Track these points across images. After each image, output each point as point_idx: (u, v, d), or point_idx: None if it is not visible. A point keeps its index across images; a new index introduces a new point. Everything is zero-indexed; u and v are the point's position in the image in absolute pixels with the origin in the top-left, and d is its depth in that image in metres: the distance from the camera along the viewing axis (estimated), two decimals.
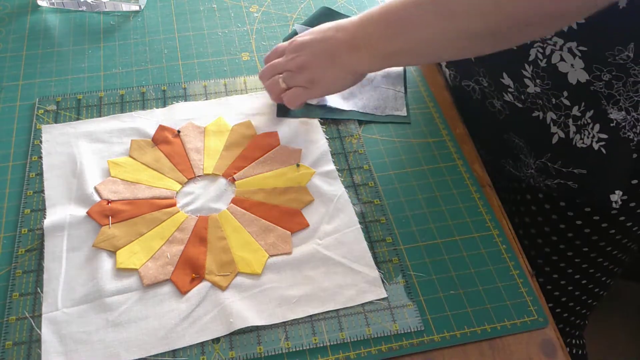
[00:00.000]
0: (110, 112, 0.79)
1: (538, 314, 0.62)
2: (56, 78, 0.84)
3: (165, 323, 0.60)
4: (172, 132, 0.76)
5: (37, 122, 0.78)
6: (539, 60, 0.69)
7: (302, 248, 0.66)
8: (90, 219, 0.67)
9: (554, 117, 0.73)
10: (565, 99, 0.70)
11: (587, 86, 0.68)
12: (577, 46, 0.65)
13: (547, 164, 0.77)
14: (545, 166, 0.78)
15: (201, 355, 0.58)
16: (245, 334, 0.60)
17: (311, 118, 0.79)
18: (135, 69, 0.86)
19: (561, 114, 0.72)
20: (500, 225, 0.69)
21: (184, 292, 0.62)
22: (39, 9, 0.95)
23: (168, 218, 0.68)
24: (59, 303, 0.61)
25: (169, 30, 0.92)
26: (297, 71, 0.73)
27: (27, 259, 0.65)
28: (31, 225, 0.67)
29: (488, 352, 0.59)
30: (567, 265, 0.84)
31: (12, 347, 0.58)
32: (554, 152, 0.76)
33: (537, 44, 0.67)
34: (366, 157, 0.75)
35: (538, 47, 0.68)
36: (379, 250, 0.66)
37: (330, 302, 0.61)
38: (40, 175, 0.72)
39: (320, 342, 0.59)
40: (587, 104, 0.69)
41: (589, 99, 0.69)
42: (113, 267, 0.64)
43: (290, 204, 0.70)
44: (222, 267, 0.64)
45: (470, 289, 0.63)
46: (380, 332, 0.60)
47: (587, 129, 0.71)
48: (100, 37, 0.91)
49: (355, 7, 0.97)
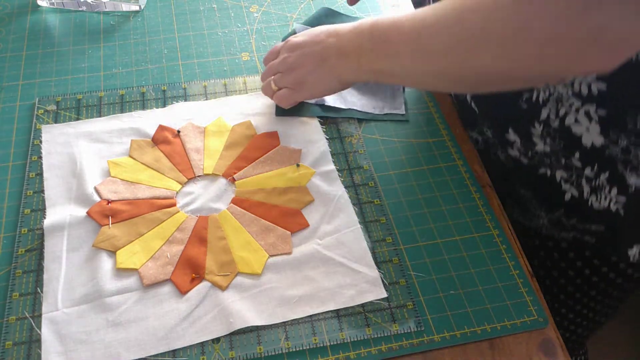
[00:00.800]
0: (110, 112, 0.79)
1: (538, 314, 0.62)
2: (56, 78, 0.84)
3: (165, 323, 0.60)
4: (172, 132, 0.76)
5: (37, 122, 0.78)
6: (551, 120, 0.65)
7: (302, 248, 0.66)
8: (90, 219, 0.67)
9: (564, 175, 0.69)
10: (577, 160, 0.66)
11: (602, 150, 0.64)
12: (596, 109, 0.61)
13: (560, 219, 0.74)
14: (559, 221, 0.74)
15: (201, 355, 0.58)
16: (245, 334, 0.60)
17: (311, 118, 0.79)
18: (135, 69, 0.86)
19: (572, 173, 0.68)
20: (500, 225, 0.69)
21: (184, 292, 0.62)
22: (39, 9, 0.95)
23: (168, 218, 0.68)
24: (59, 303, 0.61)
25: (169, 30, 0.92)
26: (286, 72, 0.74)
27: (27, 259, 0.65)
28: (31, 225, 0.67)
29: (488, 352, 0.59)
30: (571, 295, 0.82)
31: (12, 347, 0.58)
32: (567, 209, 0.72)
33: (549, 103, 0.64)
34: (366, 157, 0.75)
35: (551, 107, 0.64)
36: (379, 250, 0.66)
37: (330, 302, 0.61)
38: (40, 175, 0.72)
39: (320, 342, 0.59)
40: (602, 166, 0.66)
41: (603, 162, 0.65)
42: (113, 267, 0.64)
43: (290, 204, 0.70)
44: (222, 267, 0.64)
45: (470, 289, 0.63)
46: (380, 332, 0.60)
47: (603, 191, 0.67)
48: (100, 37, 0.91)
49: (355, 7, 0.96)
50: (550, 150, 0.68)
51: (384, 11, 0.96)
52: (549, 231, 0.77)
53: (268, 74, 0.77)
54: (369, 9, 0.97)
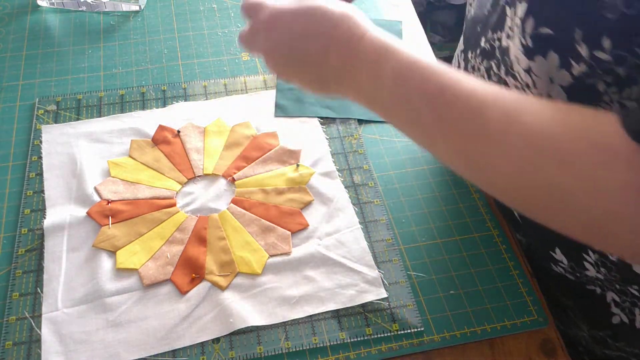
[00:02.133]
0: (110, 112, 0.79)
1: (538, 314, 0.62)
2: (56, 78, 0.84)
3: (165, 323, 0.60)
4: (172, 132, 0.76)
5: (37, 122, 0.78)
6: (610, 255, 0.57)
7: (302, 248, 0.66)
8: (90, 219, 0.67)
9: (616, 298, 0.61)
10: (635, 290, 0.59)
11: None
12: None
13: (606, 339, 0.66)
14: (603, 340, 0.67)
15: (201, 355, 0.58)
16: (245, 334, 0.60)
17: (311, 118, 0.79)
18: (135, 69, 0.86)
19: (626, 299, 0.61)
20: (500, 225, 0.69)
21: (183, 292, 0.62)
22: (39, 9, 0.95)
23: (168, 218, 0.68)
24: (59, 303, 0.61)
25: (169, 30, 0.92)
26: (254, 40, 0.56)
27: (27, 259, 0.65)
28: (31, 225, 0.67)
29: (488, 352, 0.59)
30: None
31: (12, 347, 0.58)
32: (614, 331, 0.64)
33: None
34: (366, 157, 0.75)
35: None
36: (379, 250, 0.66)
37: (330, 302, 0.61)
38: (40, 175, 0.72)
39: (320, 342, 0.59)
40: None
41: None
42: (113, 267, 0.64)
43: (290, 204, 0.70)
44: (222, 267, 0.64)
45: (470, 289, 0.63)
46: (380, 332, 0.60)
47: None
48: (100, 37, 0.91)
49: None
50: (604, 278, 0.60)
51: (384, 11, 0.96)
52: (590, 346, 0.69)
53: None
54: (368, 9, 0.96)
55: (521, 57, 0.51)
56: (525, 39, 0.50)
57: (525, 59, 0.50)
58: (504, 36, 0.55)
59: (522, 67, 0.51)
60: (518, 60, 0.51)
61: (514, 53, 0.52)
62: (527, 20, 0.49)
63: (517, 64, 0.52)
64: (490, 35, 0.58)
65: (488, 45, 0.59)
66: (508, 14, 0.54)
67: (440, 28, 1.90)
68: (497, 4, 0.57)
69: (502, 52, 0.55)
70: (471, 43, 0.64)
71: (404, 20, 0.94)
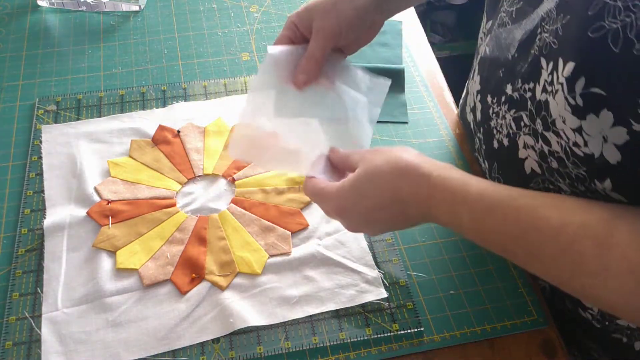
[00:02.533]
0: (110, 112, 0.79)
1: (538, 314, 0.62)
2: (56, 78, 0.84)
3: (165, 323, 0.60)
4: (172, 132, 0.76)
5: (37, 122, 0.78)
6: None
7: (302, 248, 0.66)
8: (90, 219, 0.67)
9: None
10: None
11: None
12: None
13: None
14: None
15: (201, 355, 0.58)
16: (245, 334, 0.60)
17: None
18: (135, 69, 0.86)
19: None
20: None
21: (183, 292, 0.62)
22: (39, 9, 0.95)
23: (168, 218, 0.68)
24: (59, 303, 0.61)
25: (169, 30, 0.92)
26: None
27: (27, 259, 0.65)
28: (31, 225, 0.67)
29: (488, 352, 0.59)
30: None
31: (12, 347, 0.58)
32: None
33: None
34: None
35: None
36: (379, 250, 0.66)
37: (330, 302, 0.61)
38: (40, 175, 0.72)
39: (320, 342, 0.59)
40: None
41: None
42: (113, 267, 0.64)
43: (290, 204, 0.70)
44: (222, 267, 0.64)
45: (470, 289, 0.63)
46: (380, 332, 0.60)
47: None
48: (100, 37, 0.91)
49: None
50: (635, 328, 0.58)
51: None
52: None
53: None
54: None
55: (568, 117, 0.47)
56: (574, 98, 0.46)
57: (574, 118, 0.47)
58: (540, 89, 0.51)
59: (569, 126, 0.47)
60: (564, 119, 0.47)
61: (558, 111, 0.48)
62: (577, 80, 0.45)
63: (562, 123, 0.48)
64: (519, 85, 0.54)
65: (517, 94, 0.55)
66: (544, 67, 0.50)
67: (440, 28, 1.90)
68: (527, 52, 0.53)
69: (538, 105, 0.51)
70: (492, 86, 0.60)
71: (404, 20, 0.94)
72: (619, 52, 0.41)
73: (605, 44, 0.42)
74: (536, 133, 0.52)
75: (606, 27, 0.42)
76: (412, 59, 0.89)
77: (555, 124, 0.49)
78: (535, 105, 0.51)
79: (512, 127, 0.55)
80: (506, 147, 0.57)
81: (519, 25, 0.55)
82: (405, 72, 0.85)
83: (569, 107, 0.46)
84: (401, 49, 0.89)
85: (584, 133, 0.46)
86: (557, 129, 0.49)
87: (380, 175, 0.53)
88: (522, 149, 0.54)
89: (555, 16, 0.49)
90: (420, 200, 0.51)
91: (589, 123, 0.45)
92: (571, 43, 0.46)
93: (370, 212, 0.54)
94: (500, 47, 0.58)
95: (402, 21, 0.94)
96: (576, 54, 0.45)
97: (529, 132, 0.53)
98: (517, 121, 0.55)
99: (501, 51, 0.58)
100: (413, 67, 0.87)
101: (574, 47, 0.45)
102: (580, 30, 0.44)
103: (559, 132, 0.49)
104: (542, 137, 0.51)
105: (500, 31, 0.58)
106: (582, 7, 0.44)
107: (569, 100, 0.46)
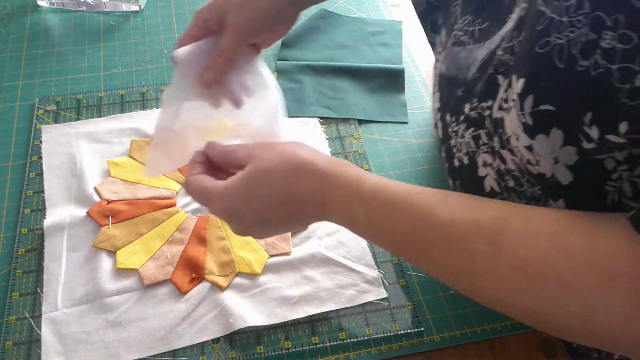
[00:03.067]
0: (110, 112, 0.79)
1: None
2: (56, 78, 0.84)
3: (165, 323, 0.60)
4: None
5: (37, 122, 0.78)
6: None
7: (302, 248, 0.66)
8: (90, 219, 0.67)
9: None
10: None
11: None
12: None
13: None
14: None
15: (201, 355, 0.58)
16: (245, 334, 0.60)
17: (311, 118, 0.79)
18: (135, 69, 0.86)
19: None
20: None
21: (183, 292, 0.62)
22: (39, 9, 0.95)
23: (168, 218, 0.68)
24: (59, 303, 0.61)
25: (169, 30, 0.92)
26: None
27: (27, 259, 0.65)
28: (31, 225, 0.67)
29: (488, 352, 0.59)
30: None
31: (12, 347, 0.58)
32: None
33: None
34: (366, 157, 0.75)
35: None
36: (379, 250, 0.66)
37: (330, 302, 0.61)
38: (40, 175, 0.72)
39: (320, 342, 0.59)
40: None
41: None
42: (113, 267, 0.64)
43: None
44: (222, 267, 0.64)
45: None
46: (380, 333, 0.60)
47: None
48: (100, 37, 0.91)
49: (355, 8, 0.96)
50: None
51: (384, 11, 0.96)
52: None
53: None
54: (368, 9, 0.96)
55: (521, 134, 0.46)
56: (524, 116, 0.45)
57: (525, 136, 0.46)
58: (496, 107, 0.50)
59: (522, 143, 0.47)
60: (517, 137, 0.47)
61: (512, 129, 0.47)
62: (527, 97, 0.44)
63: (516, 140, 0.47)
64: (477, 104, 0.53)
65: (475, 113, 0.54)
66: (501, 84, 0.49)
67: None
68: (485, 71, 0.52)
69: (495, 123, 0.50)
70: (450, 106, 0.59)
71: (404, 20, 0.94)
72: (563, 67, 0.41)
73: (551, 60, 0.42)
74: (494, 151, 0.51)
75: (552, 42, 0.42)
76: (412, 59, 0.89)
77: (510, 142, 0.48)
78: (492, 123, 0.51)
79: (471, 146, 0.55)
80: (466, 166, 0.56)
81: (481, 45, 0.54)
82: (405, 72, 0.85)
83: (520, 125, 0.46)
84: (401, 49, 0.89)
85: (535, 153, 0.46)
86: (511, 146, 0.48)
87: (273, 174, 0.50)
88: (482, 167, 0.54)
89: (512, 34, 0.48)
90: (315, 196, 0.49)
91: (539, 143, 0.45)
92: (523, 59, 0.45)
93: (263, 213, 0.51)
94: (460, 67, 0.57)
95: (402, 21, 0.94)
96: (527, 70, 0.45)
97: (487, 150, 0.53)
98: (476, 139, 0.54)
99: (460, 71, 0.56)
100: (413, 67, 0.87)
101: (525, 64, 0.45)
102: (530, 46, 0.44)
103: (513, 149, 0.48)
104: (499, 155, 0.51)
105: (458, 50, 0.57)
106: (533, 23, 0.44)
107: (520, 118, 0.45)
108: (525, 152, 0.46)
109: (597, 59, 0.39)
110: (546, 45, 0.42)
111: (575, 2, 0.40)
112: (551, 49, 0.41)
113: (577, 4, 0.40)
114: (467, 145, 0.55)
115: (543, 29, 0.42)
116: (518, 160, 0.48)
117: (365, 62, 0.86)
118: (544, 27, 0.42)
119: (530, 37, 0.44)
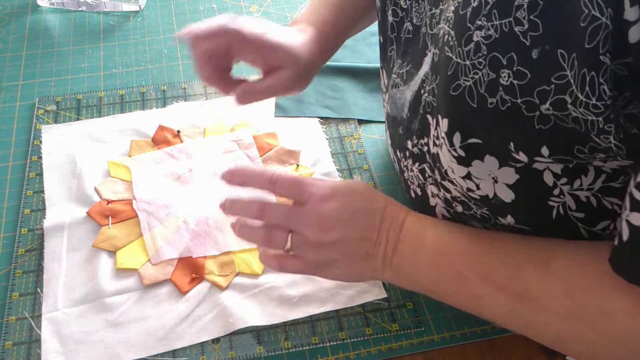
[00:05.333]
0: (110, 112, 0.79)
1: None
2: (56, 78, 0.84)
3: (165, 323, 0.60)
4: (172, 132, 0.76)
5: (37, 122, 0.78)
6: None
7: None
8: (90, 219, 0.67)
9: None
10: None
11: None
12: None
13: None
14: None
15: (201, 355, 0.58)
16: (245, 334, 0.60)
17: (311, 118, 0.79)
18: (135, 69, 0.86)
19: None
20: None
21: (183, 293, 0.62)
22: (39, 9, 0.95)
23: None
24: (58, 303, 0.61)
25: (169, 30, 0.92)
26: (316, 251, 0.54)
27: (27, 259, 0.65)
28: (31, 225, 0.67)
29: (488, 352, 0.59)
30: None
31: (12, 347, 0.58)
32: None
33: None
34: (366, 157, 0.75)
35: None
36: None
37: (330, 302, 0.61)
38: (40, 175, 0.72)
39: (320, 342, 0.59)
40: None
41: None
42: (113, 268, 0.64)
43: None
44: (222, 267, 0.64)
45: None
46: (380, 332, 0.60)
47: None
48: (100, 37, 0.91)
49: None
50: None
51: None
52: None
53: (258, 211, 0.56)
54: None
55: (455, 167, 0.48)
56: (455, 150, 0.47)
57: (460, 167, 0.47)
58: (431, 143, 0.52)
59: (457, 175, 0.48)
60: (452, 170, 0.48)
61: (446, 163, 0.49)
62: (454, 134, 0.46)
63: (452, 172, 0.49)
64: (417, 141, 0.55)
65: (417, 149, 0.55)
66: (431, 123, 0.51)
67: None
68: (417, 111, 0.54)
69: (433, 158, 0.52)
70: (396, 142, 0.60)
71: None
72: (476, 107, 0.43)
73: (465, 101, 0.44)
74: (437, 182, 0.53)
75: (462, 85, 0.44)
76: None
77: (447, 174, 0.50)
78: (431, 158, 0.53)
79: (420, 179, 0.57)
80: (420, 196, 0.58)
81: (408, 87, 0.56)
82: None
83: (454, 159, 0.47)
84: None
85: (474, 177, 0.47)
86: (450, 178, 0.50)
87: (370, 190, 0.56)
88: (432, 197, 0.56)
89: (430, 77, 0.51)
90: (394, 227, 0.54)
91: (476, 168, 0.46)
92: (443, 101, 0.47)
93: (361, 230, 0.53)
94: (397, 107, 0.59)
95: None
96: (448, 110, 0.47)
97: (432, 182, 0.54)
98: (422, 172, 0.56)
99: (397, 111, 0.59)
100: None
101: (445, 105, 0.47)
102: (446, 89, 0.46)
103: (453, 181, 0.50)
104: (442, 186, 0.53)
105: (395, 92, 0.59)
106: (445, 67, 0.46)
107: (452, 153, 0.47)
108: (463, 182, 0.49)
109: (502, 95, 0.41)
110: (458, 89, 0.44)
111: (474, 46, 0.43)
112: (462, 90, 0.44)
113: (475, 47, 0.42)
114: (417, 178, 0.57)
115: (453, 73, 0.45)
116: (460, 189, 0.50)
117: (365, 62, 0.86)
118: (453, 71, 0.45)
119: (445, 81, 0.46)
